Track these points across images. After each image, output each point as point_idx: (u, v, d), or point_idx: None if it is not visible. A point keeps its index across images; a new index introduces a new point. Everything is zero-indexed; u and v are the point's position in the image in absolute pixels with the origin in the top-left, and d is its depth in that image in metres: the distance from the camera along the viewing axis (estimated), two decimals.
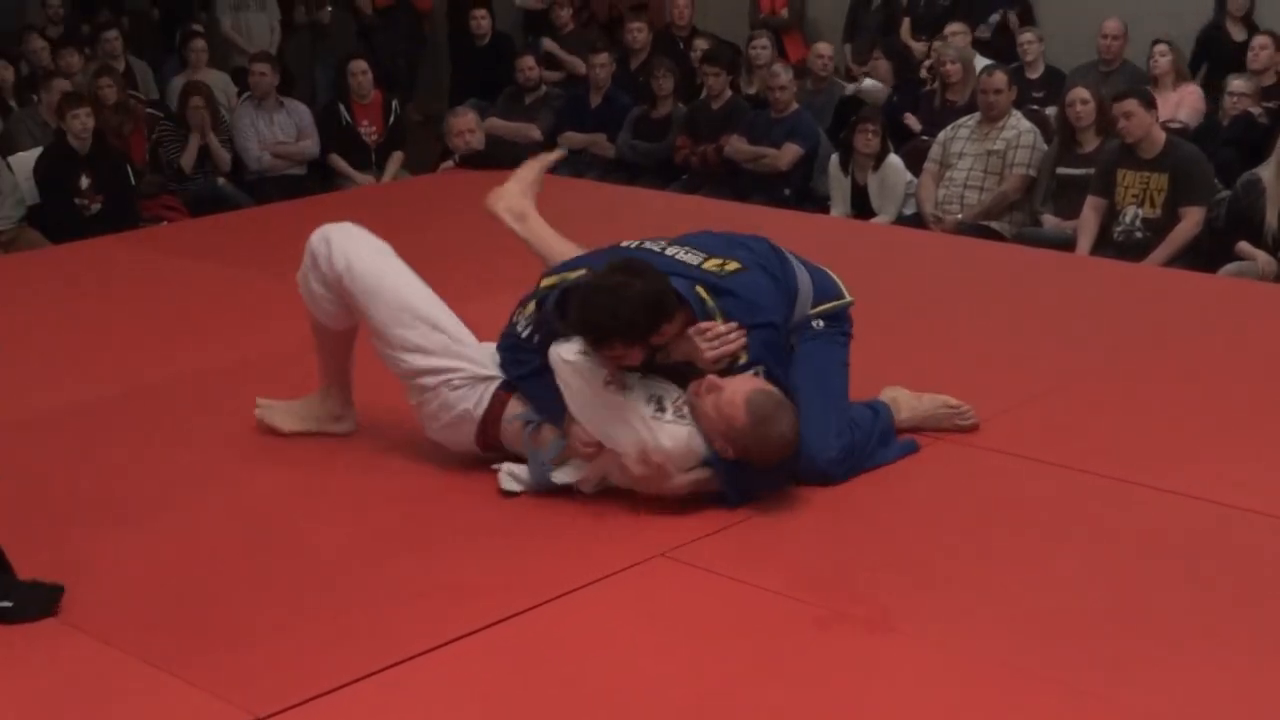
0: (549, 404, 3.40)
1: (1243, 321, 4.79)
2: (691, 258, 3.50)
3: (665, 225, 4.07)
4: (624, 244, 3.63)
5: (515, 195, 3.89)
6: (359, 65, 9.07)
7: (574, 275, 3.43)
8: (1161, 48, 8.18)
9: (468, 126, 7.93)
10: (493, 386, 3.49)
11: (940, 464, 3.63)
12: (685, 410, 3.33)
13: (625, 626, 2.91)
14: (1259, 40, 8.03)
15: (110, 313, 5.14)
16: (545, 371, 3.39)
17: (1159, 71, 8.14)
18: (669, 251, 3.52)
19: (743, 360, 3.37)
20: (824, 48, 9.35)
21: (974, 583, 3.02)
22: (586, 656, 2.81)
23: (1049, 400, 4.02)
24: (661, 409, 3.31)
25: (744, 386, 3.28)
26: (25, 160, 7.91)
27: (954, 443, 3.71)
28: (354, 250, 3.58)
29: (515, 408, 3.48)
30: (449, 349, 3.51)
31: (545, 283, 3.49)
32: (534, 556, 3.18)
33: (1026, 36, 8.88)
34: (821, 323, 3.65)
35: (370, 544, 3.26)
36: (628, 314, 3.22)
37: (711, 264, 3.48)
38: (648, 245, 3.56)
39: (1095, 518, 3.33)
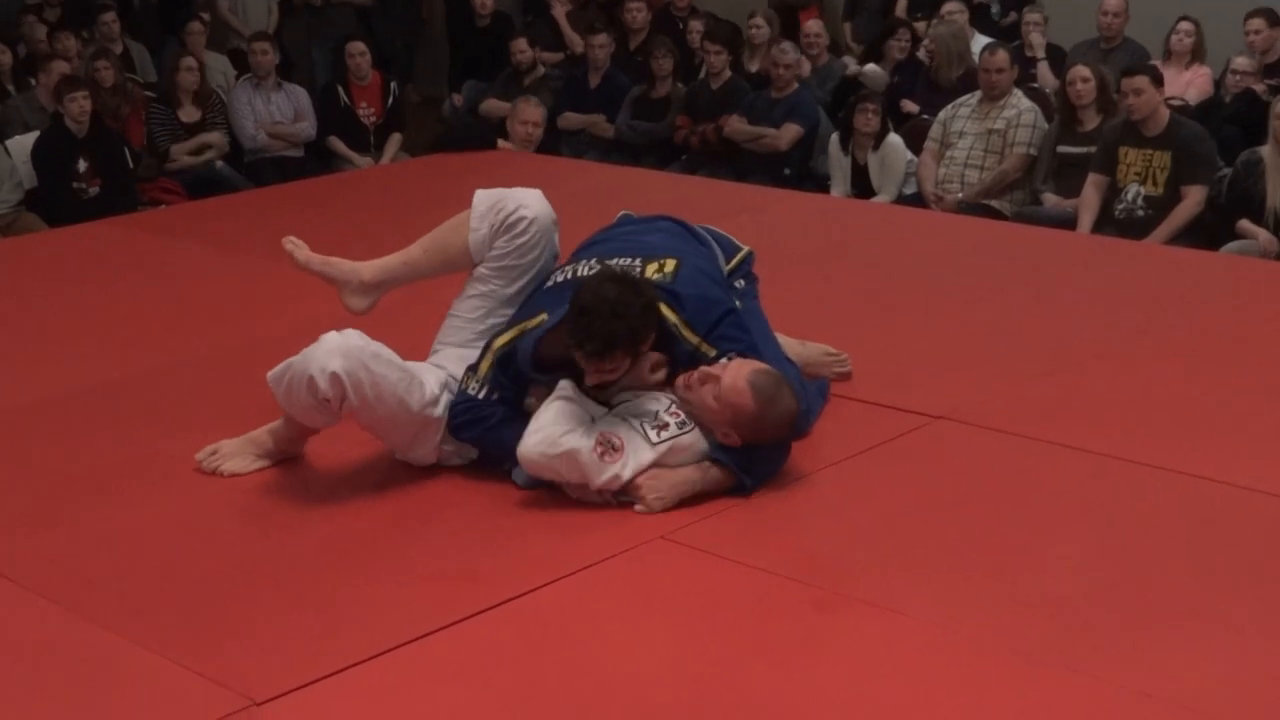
0: (504, 455, 3.34)
1: (1244, 300, 4.78)
2: (633, 271, 3.36)
3: (665, 207, 4.06)
4: (553, 278, 3.45)
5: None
6: (357, 47, 9.05)
7: (533, 322, 3.33)
8: (1188, 26, 8.10)
9: (533, 119, 7.61)
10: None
11: (941, 444, 3.62)
12: (684, 415, 3.28)
13: (625, 608, 2.91)
14: (1253, 23, 7.94)
15: (108, 296, 5.12)
16: (503, 424, 3.33)
17: (1179, 49, 8.08)
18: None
19: (712, 355, 3.31)
20: (814, 25, 9.32)
21: (975, 563, 3.01)
22: (587, 638, 2.80)
23: (1050, 379, 4.01)
24: (663, 425, 3.25)
25: (740, 370, 3.22)
26: (23, 144, 7.90)
27: (955, 422, 3.70)
28: (360, 391, 3.27)
29: None
30: (441, 388, 3.41)
31: (500, 341, 3.36)
32: (533, 539, 3.17)
33: (1033, 18, 8.85)
34: (742, 282, 3.64)
35: (369, 528, 3.25)
36: (632, 324, 3.16)
37: (651, 269, 3.37)
38: (580, 273, 3.39)
39: (1097, 497, 3.32)
